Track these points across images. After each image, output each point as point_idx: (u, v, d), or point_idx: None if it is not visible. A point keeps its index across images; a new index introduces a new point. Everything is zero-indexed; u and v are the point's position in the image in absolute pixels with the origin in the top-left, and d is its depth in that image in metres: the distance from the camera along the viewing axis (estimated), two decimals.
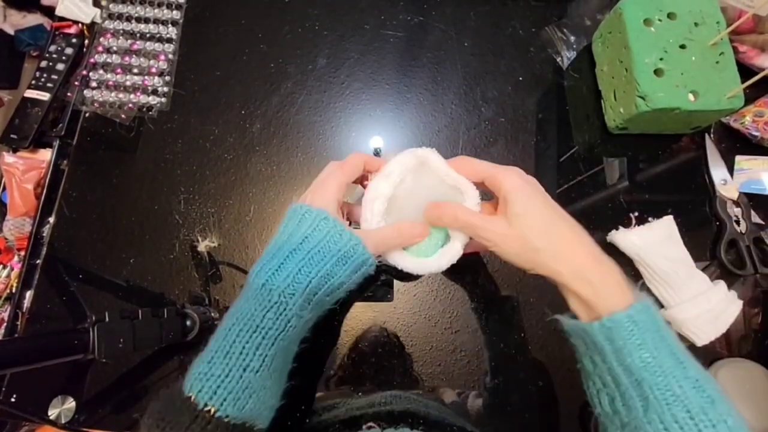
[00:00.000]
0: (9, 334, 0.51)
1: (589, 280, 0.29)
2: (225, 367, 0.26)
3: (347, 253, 0.29)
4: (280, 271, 0.28)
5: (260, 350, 0.27)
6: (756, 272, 0.52)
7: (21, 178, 0.56)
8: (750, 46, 0.56)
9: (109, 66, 0.59)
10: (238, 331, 0.27)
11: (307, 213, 0.30)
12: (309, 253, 0.28)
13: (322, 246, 0.28)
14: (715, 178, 0.55)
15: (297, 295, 0.27)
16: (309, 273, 0.28)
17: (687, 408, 0.24)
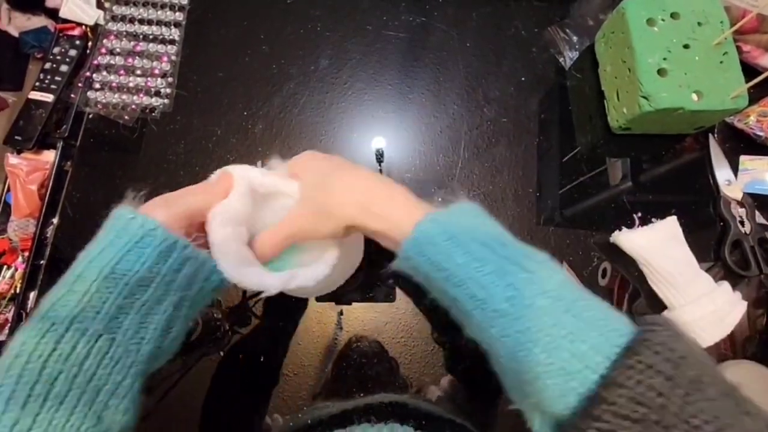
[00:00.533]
0: (12, 335, 0.51)
1: (378, 213, 0.29)
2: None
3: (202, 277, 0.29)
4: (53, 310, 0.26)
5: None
6: (761, 273, 0.51)
7: (25, 179, 0.57)
8: (754, 46, 0.55)
9: (112, 68, 0.59)
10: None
11: (131, 221, 0.29)
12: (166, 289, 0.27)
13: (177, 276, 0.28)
14: (719, 179, 0.55)
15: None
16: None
17: (493, 306, 0.24)
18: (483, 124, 0.58)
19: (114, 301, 0.25)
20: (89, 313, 0.25)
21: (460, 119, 0.58)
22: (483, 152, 0.57)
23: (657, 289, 0.50)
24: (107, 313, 0.25)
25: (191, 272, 0.28)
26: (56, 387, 0.23)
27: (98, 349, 0.24)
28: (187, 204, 0.31)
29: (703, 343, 0.47)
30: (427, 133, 0.58)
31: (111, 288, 0.26)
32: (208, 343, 0.50)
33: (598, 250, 0.53)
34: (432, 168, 0.56)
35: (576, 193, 0.55)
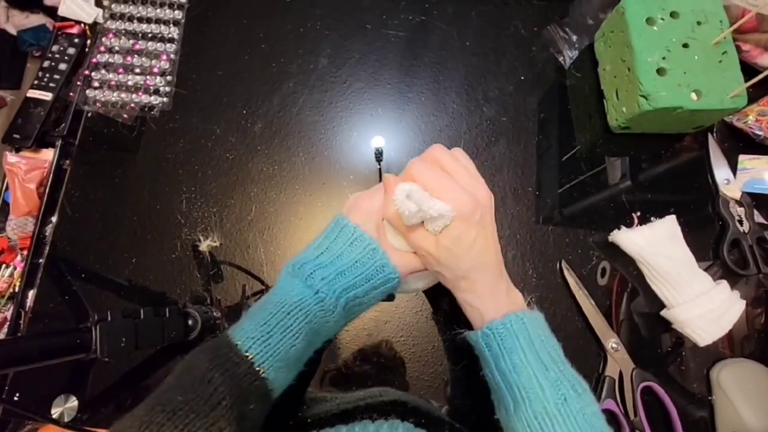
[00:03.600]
0: (12, 333, 0.51)
1: (481, 293, 0.32)
2: (281, 338, 0.29)
3: (375, 271, 0.32)
4: (319, 273, 0.31)
5: (304, 333, 0.29)
6: (759, 272, 0.51)
7: (24, 177, 0.56)
8: (753, 45, 0.55)
9: (111, 66, 0.59)
10: (289, 310, 0.29)
11: (344, 228, 0.32)
12: (342, 267, 0.31)
13: (354, 264, 0.31)
14: (718, 178, 0.55)
15: (333, 292, 0.30)
16: (343, 281, 0.31)
17: (543, 404, 0.28)
18: (482, 123, 0.58)
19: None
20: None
21: (459, 118, 0.58)
22: (482, 151, 0.57)
23: (656, 287, 0.50)
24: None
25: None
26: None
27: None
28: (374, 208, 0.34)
29: (701, 341, 0.47)
30: (426, 132, 0.58)
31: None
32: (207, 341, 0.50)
33: (597, 248, 0.53)
34: None
35: (575, 192, 0.55)
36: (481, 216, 0.31)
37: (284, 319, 0.29)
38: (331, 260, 0.31)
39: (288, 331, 0.29)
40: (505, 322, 0.31)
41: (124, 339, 0.40)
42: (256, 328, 0.29)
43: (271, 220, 0.55)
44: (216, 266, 0.53)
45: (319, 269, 0.31)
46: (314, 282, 0.30)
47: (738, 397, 0.46)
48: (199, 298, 0.52)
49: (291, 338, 0.29)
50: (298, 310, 0.29)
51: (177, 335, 0.45)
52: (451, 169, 0.32)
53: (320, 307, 0.30)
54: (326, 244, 0.33)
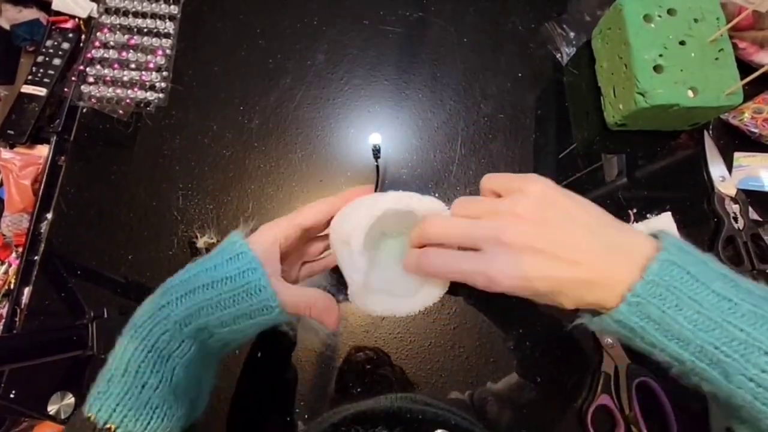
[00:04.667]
0: (7, 331, 0.51)
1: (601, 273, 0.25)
2: (123, 385, 0.26)
3: (259, 310, 0.28)
4: (185, 299, 0.27)
5: (157, 368, 0.26)
6: (753, 269, 0.52)
7: (18, 174, 0.56)
8: (749, 43, 0.56)
9: (106, 61, 0.59)
10: (133, 349, 0.26)
11: (240, 254, 0.29)
12: (220, 296, 0.27)
13: (236, 294, 0.27)
14: (714, 175, 0.55)
15: (192, 325, 0.27)
16: (211, 313, 0.27)
17: (764, 350, 0.21)
18: (480, 120, 0.58)
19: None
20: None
21: (456, 115, 0.58)
22: (480, 148, 0.57)
23: None
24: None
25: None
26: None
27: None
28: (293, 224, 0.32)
29: None
30: (423, 128, 0.58)
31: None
32: None
33: None
34: (428, 164, 0.56)
35: (572, 189, 0.55)
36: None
37: (130, 362, 0.26)
38: (196, 275, 0.28)
39: (130, 371, 0.26)
40: (651, 279, 0.23)
41: None
42: (102, 380, 0.26)
43: (269, 217, 0.54)
44: None
45: (178, 284, 0.28)
46: (170, 313, 0.27)
47: None
48: None
49: (134, 377, 0.26)
50: (144, 350, 0.26)
51: None
52: (477, 209, 0.28)
53: (172, 340, 0.27)
54: (208, 260, 0.29)
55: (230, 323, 0.28)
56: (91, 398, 0.26)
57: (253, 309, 0.28)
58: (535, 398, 0.49)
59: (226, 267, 0.28)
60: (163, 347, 0.27)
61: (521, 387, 0.49)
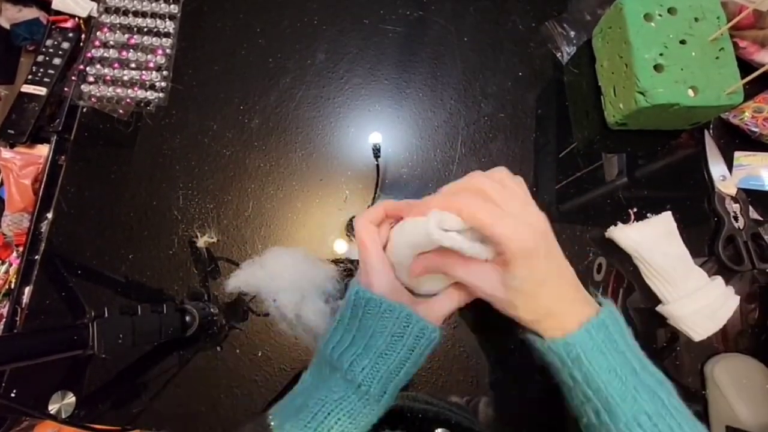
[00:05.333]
0: (8, 330, 0.51)
1: (554, 315, 0.30)
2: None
3: (416, 339, 0.30)
4: (358, 362, 0.29)
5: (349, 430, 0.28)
6: (753, 268, 0.52)
7: (18, 173, 0.56)
8: (750, 42, 0.55)
9: (106, 61, 0.59)
10: (329, 410, 0.28)
11: (369, 302, 0.30)
12: (380, 349, 0.29)
13: (391, 340, 0.29)
14: (714, 174, 0.55)
15: (378, 381, 0.29)
16: (386, 365, 0.29)
17: (643, 409, 0.27)
18: (480, 120, 0.58)
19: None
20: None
21: (457, 114, 0.58)
22: (480, 148, 0.57)
23: (651, 283, 0.51)
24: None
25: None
26: None
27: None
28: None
29: (696, 336, 0.48)
30: (423, 128, 0.58)
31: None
32: (205, 338, 0.50)
33: (593, 244, 0.53)
34: (429, 163, 0.56)
35: (572, 189, 0.56)
36: (545, 243, 0.28)
37: (326, 420, 0.28)
38: (366, 343, 0.29)
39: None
40: (588, 329, 0.28)
41: (122, 335, 0.40)
42: (297, 431, 0.28)
43: (269, 217, 0.54)
44: (213, 262, 0.53)
45: (357, 359, 0.29)
46: (355, 375, 0.29)
47: (731, 392, 0.47)
48: (197, 294, 0.52)
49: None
50: (340, 411, 0.28)
51: (174, 332, 0.45)
52: (500, 198, 0.28)
53: (365, 402, 0.29)
54: (355, 324, 0.30)
55: (412, 370, 0.31)
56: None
57: (424, 348, 0.30)
58: (534, 398, 0.49)
59: (384, 327, 0.30)
60: (355, 410, 0.29)
61: (521, 387, 0.49)
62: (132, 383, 0.49)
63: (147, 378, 0.49)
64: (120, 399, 0.49)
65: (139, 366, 0.50)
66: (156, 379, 0.49)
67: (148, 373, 0.50)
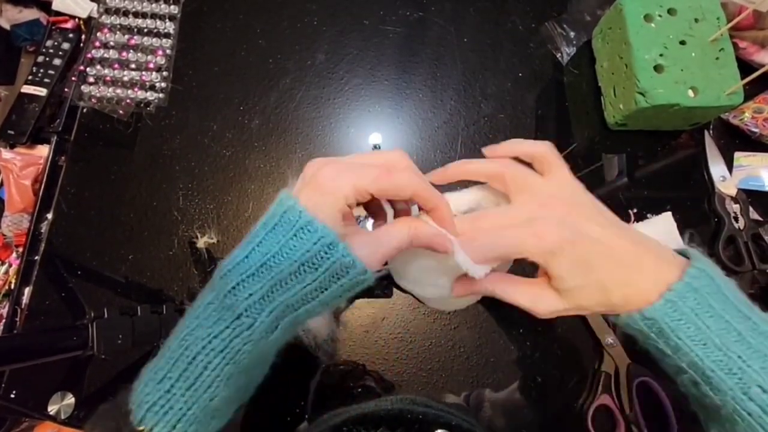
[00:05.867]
0: (8, 331, 0.51)
1: (623, 295, 0.26)
2: (188, 399, 0.22)
3: (334, 276, 0.23)
4: (245, 285, 0.22)
5: (226, 379, 0.23)
6: (754, 269, 0.52)
7: (18, 174, 0.56)
8: (750, 42, 0.56)
9: (106, 61, 0.59)
10: (194, 354, 0.22)
11: (288, 211, 0.23)
12: (281, 275, 0.22)
13: (299, 267, 0.22)
14: (714, 175, 0.55)
15: (267, 314, 0.22)
16: (283, 296, 0.23)
17: (759, 383, 0.22)
18: (480, 120, 0.58)
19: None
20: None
21: (457, 115, 0.58)
22: (480, 148, 0.56)
23: None
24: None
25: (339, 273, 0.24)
26: None
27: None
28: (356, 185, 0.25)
29: None
30: (424, 128, 0.58)
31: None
32: None
33: None
34: (429, 164, 0.56)
35: None
36: (569, 228, 0.25)
37: (189, 368, 0.22)
38: (265, 262, 0.22)
39: (198, 384, 0.22)
40: (671, 298, 0.24)
41: (121, 336, 0.40)
42: (154, 385, 0.23)
43: None
44: (213, 263, 0.53)
45: (245, 281, 0.22)
46: (236, 302, 0.22)
47: None
48: (197, 295, 0.52)
49: (205, 391, 0.22)
50: (210, 351, 0.22)
51: None
52: (514, 187, 0.27)
53: (245, 338, 0.22)
54: (261, 236, 0.24)
55: (318, 309, 0.24)
56: (144, 407, 0.22)
57: (343, 289, 0.24)
58: (535, 398, 0.49)
59: (297, 247, 0.22)
60: (236, 349, 0.23)
61: (521, 387, 0.49)
62: (132, 384, 0.49)
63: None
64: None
65: (138, 367, 0.49)
66: None
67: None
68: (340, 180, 0.24)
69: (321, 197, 0.24)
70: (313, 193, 0.24)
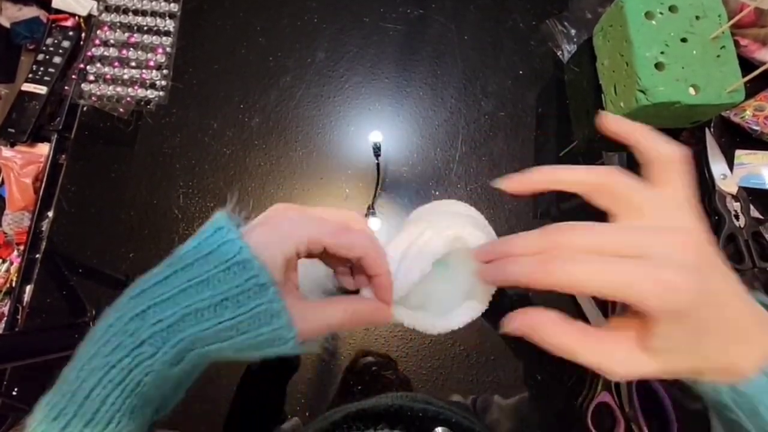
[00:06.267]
0: (9, 329, 0.51)
1: (719, 362, 0.22)
2: (84, 415, 0.21)
3: (256, 322, 0.21)
4: (157, 310, 0.20)
5: (132, 411, 0.21)
6: (754, 267, 0.52)
7: (19, 172, 0.56)
8: (751, 40, 0.55)
9: (106, 59, 0.58)
10: (92, 385, 0.21)
11: (227, 242, 0.21)
12: (201, 303, 0.20)
13: (221, 300, 0.20)
14: (715, 173, 0.55)
15: (174, 344, 0.20)
16: (196, 328, 0.20)
17: None
18: (480, 118, 0.58)
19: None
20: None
21: (457, 113, 0.58)
22: (480, 146, 0.57)
23: None
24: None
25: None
26: None
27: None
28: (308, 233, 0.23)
29: None
30: (424, 126, 0.58)
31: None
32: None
33: None
34: (429, 162, 0.56)
35: None
36: (706, 281, 0.19)
37: (85, 405, 0.20)
38: (185, 288, 0.20)
39: (97, 421, 0.20)
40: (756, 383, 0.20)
41: None
42: (49, 424, 0.20)
43: None
44: None
45: (159, 304, 0.20)
46: (141, 326, 0.20)
47: None
48: None
49: (104, 428, 0.20)
50: (108, 384, 0.20)
51: None
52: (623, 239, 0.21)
53: (145, 368, 0.20)
54: (188, 259, 0.21)
55: (228, 353, 0.22)
56: (41, 426, 0.21)
57: (263, 341, 0.21)
58: (535, 396, 0.49)
59: (226, 280, 0.20)
60: (142, 388, 0.21)
61: (521, 385, 0.49)
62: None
63: None
64: None
65: None
66: None
67: None
68: (300, 226, 0.23)
69: (272, 237, 0.22)
70: (267, 232, 0.23)
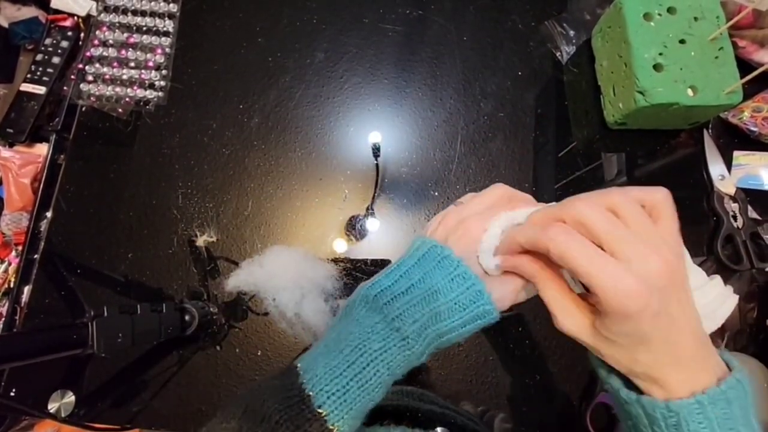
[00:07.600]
0: (8, 329, 0.51)
1: (661, 377, 0.25)
2: (358, 394, 0.26)
3: (476, 317, 0.27)
4: (410, 313, 0.27)
5: (384, 385, 0.27)
6: (752, 267, 0.52)
7: (18, 172, 0.56)
8: (749, 42, 0.56)
9: (105, 59, 0.58)
10: (368, 361, 0.26)
11: (446, 260, 0.27)
12: (438, 308, 0.27)
13: (453, 305, 0.27)
14: (713, 174, 0.55)
15: (424, 339, 0.27)
16: (438, 326, 0.27)
17: None
18: (479, 119, 0.58)
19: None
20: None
21: (456, 114, 0.58)
22: (479, 147, 0.57)
23: None
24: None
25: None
26: None
27: None
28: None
29: None
30: (423, 127, 0.58)
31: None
32: (204, 337, 0.50)
33: None
34: (428, 163, 0.56)
35: (572, 188, 0.56)
36: (658, 301, 0.23)
37: (363, 372, 0.26)
38: (425, 297, 0.27)
39: (367, 386, 0.26)
40: (702, 401, 0.24)
41: (121, 335, 0.40)
42: (332, 379, 0.26)
43: (268, 216, 0.54)
44: (213, 261, 0.53)
45: (409, 310, 0.26)
46: (403, 326, 0.26)
47: None
48: (196, 293, 0.52)
49: (370, 393, 0.26)
50: (380, 362, 0.26)
51: (174, 331, 0.45)
52: (633, 222, 0.25)
53: (405, 357, 0.26)
54: (417, 275, 0.27)
55: (453, 340, 0.28)
56: (323, 394, 0.26)
57: (476, 327, 0.28)
58: (533, 396, 0.49)
59: (452, 289, 0.27)
60: (396, 365, 0.27)
61: (520, 384, 0.49)
62: (131, 382, 0.49)
63: (146, 377, 0.50)
64: (119, 398, 0.49)
65: (138, 365, 0.50)
66: (155, 378, 0.50)
67: (147, 372, 0.50)
68: (480, 232, 0.28)
69: (471, 248, 0.28)
70: (464, 246, 0.28)
